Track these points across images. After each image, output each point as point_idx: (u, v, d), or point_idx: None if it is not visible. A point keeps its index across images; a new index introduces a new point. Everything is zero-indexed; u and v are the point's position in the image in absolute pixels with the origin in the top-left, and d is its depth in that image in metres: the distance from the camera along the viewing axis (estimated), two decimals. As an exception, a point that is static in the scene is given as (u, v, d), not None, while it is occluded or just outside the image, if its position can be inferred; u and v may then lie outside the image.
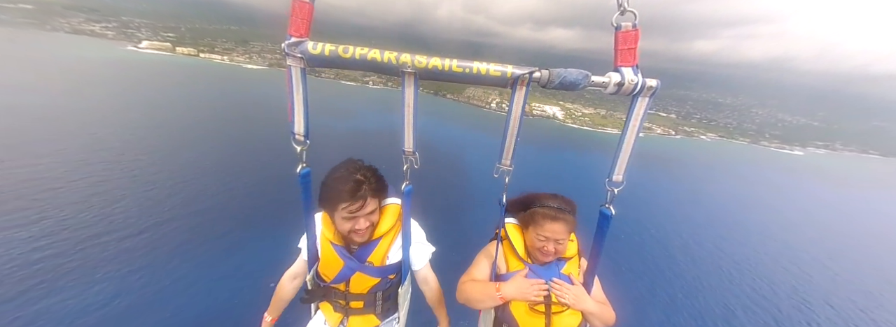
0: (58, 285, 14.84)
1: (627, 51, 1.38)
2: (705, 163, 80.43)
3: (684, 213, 39.03)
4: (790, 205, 51.51)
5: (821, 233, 38.79)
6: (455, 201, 27.90)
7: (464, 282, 1.94)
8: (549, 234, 1.82)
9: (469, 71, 1.39)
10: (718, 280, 24.82)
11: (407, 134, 1.63)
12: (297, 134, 1.59)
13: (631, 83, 1.38)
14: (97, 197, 22.18)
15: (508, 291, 1.81)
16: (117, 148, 31.02)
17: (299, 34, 1.38)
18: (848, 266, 30.69)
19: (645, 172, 54.32)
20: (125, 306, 14.61)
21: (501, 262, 1.98)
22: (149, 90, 60.22)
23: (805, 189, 66.36)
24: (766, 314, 21.53)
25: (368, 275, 1.93)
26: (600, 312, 1.84)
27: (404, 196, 1.87)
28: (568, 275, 1.89)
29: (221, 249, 19.18)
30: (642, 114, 1.47)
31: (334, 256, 1.89)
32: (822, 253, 32.58)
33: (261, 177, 28.88)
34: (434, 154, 42.55)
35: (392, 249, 1.95)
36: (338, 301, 2.04)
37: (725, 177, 66.06)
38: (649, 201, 39.08)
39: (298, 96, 1.51)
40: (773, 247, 32.29)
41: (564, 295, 1.80)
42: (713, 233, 33.48)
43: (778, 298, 23.45)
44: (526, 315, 1.86)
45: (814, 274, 28.07)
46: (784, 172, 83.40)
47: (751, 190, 58.03)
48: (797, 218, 44.61)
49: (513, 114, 1.51)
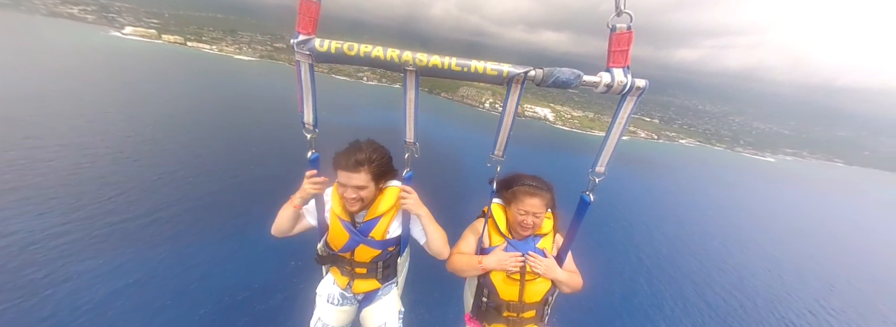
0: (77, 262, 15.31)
1: (620, 52, 1.45)
2: (685, 166, 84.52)
3: (663, 211, 41.77)
4: (759, 205, 55.55)
5: (786, 231, 42.40)
6: (448, 189, 29.64)
7: (452, 255, 2.21)
8: (528, 208, 2.05)
9: (467, 69, 1.48)
10: (693, 265, 27.86)
11: (408, 126, 1.80)
12: (307, 123, 1.78)
13: (620, 84, 1.46)
14: (108, 184, 22.33)
15: (488, 262, 2.09)
16: (121, 135, 30.86)
17: (307, 32, 1.46)
18: (806, 260, 34.27)
19: (630, 173, 57.18)
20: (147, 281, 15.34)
21: (485, 237, 2.23)
22: (144, 78, 58.72)
23: (775, 192, 71.05)
24: (724, 295, 24.32)
25: (370, 247, 2.18)
26: (568, 280, 2.13)
27: (406, 180, 2.06)
28: (542, 249, 2.15)
29: (234, 229, 19.99)
30: (629, 112, 1.58)
31: (341, 229, 2.13)
32: (786, 248, 36.02)
33: (269, 165, 29.63)
34: (430, 148, 43.82)
35: (392, 226, 2.18)
36: (345, 267, 2.31)
37: (703, 180, 70.17)
38: (630, 198, 41.74)
39: (307, 89, 1.64)
40: (744, 242, 35.56)
41: (537, 266, 2.07)
42: (689, 229, 36.36)
43: (743, 285, 26.34)
44: (503, 282, 2.13)
45: (776, 265, 31.26)
46: (757, 177, 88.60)
47: (726, 191, 62.00)
48: (765, 217, 48.30)
49: (507, 110, 1.63)
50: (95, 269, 15.34)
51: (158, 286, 15.09)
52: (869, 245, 43.90)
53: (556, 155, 64.46)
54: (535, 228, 2.12)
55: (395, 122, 1.67)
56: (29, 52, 62.10)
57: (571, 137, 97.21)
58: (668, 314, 21.13)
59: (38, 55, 61.15)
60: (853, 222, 55.88)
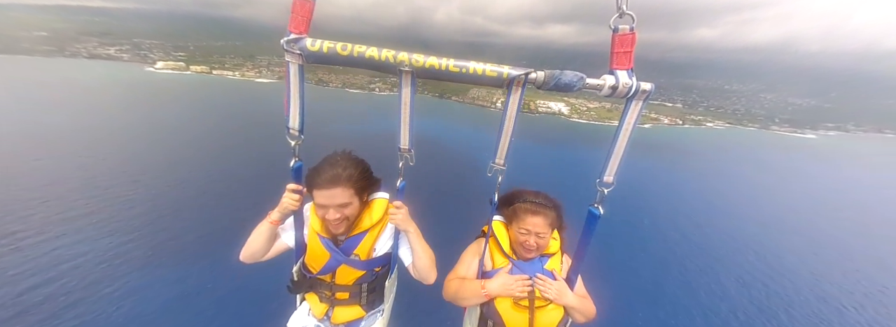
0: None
1: (623, 54, 1.40)
2: (713, 151, 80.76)
3: (695, 204, 40.26)
4: (805, 188, 52.17)
5: (840, 215, 39.60)
6: (450, 198, 28.71)
7: (450, 280, 1.98)
8: (530, 227, 1.86)
9: (465, 71, 1.42)
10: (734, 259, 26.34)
11: (403, 131, 1.68)
12: (292, 128, 1.64)
13: (625, 86, 1.40)
14: (157, 206, 24.74)
15: (493, 288, 1.85)
16: (166, 160, 33.98)
17: (299, 31, 1.40)
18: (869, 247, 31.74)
19: (656, 162, 55.35)
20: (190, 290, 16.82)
21: (487, 259, 2.00)
22: (181, 107, 64.08)
23: (822, 172, 66.31)
24: (782, 291, 22.97)
25: (354, 268, 1.93)
26: (581, 306, 1.89)
27: (399, 191, 1.85)
28: (551, 271, 1.93)
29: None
30: (636, 116, 1.51)
31: (321, 248, 1.89)
32: (847, 235, 33.62)
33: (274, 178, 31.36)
34: (433, 152, 44.58)
35: (379, 242, 1.94)
36: (323, 291, 2.03)
37: (740, 163, 66.45)
38: (657, 193, 40.46)
39: (295, 92, 1.55)
40: (790, 234, 33.26)
41: (547, 290, 1.84)
42: (730, 225, 34.25)
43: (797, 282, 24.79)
44: (510, 310, 1.89)
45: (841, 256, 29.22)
46: (797, 156, 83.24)
47: (764, 177, 58.53)
48: (809, 201, 45.46)
49: (508, 114, 1.54)
50: (153, 282, 17.26)
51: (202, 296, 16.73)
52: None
53: (575, 150, 63.60)
54: (539, 250, 1.93)
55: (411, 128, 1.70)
56: (80, 91, 69.18)
57: (590, 130, 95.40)
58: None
59: (87, 93, 68.15)
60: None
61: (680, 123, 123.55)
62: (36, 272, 16.86)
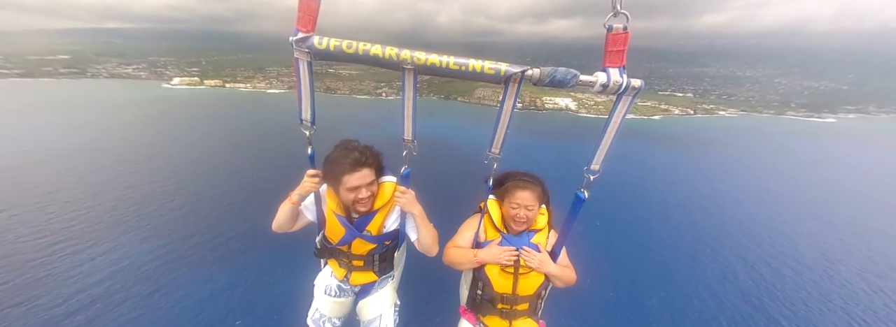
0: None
1: (616, 53, 1.47)
2: (729, 138, 79.30)
3: (705, 192, 40.16)
4: (829, 172, 51.15)
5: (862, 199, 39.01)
6: (450, 185, 29.59)
7: (448, 248, 2.27)
8: (520, 201, 2.12)
9: (465, 68, 1.50)
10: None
11: (407, 124, 1.85)
12: (305, 120, 1.82)
13: (615, 84, 1.50)
14: (186, 214, 26.46)
15: (483, 256, 2.13)
16: (191, 169, 36.02)
17: (306, 29, 1.49)
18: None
19: (663, 152, 55.01)
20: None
21: (481, 232, 2.28)
22: (199, 120, 67.06)
23: (844, 156, 64.54)
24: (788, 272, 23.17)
25: (366, 242, 2.21)
26: (561, 274, 2.15)
27: (404, 178, 2.10)
28: (536, 244, 2.18)
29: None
30: (625, 111, 1.62)
31: (337, 225, 2.16)
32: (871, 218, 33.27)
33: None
34: (437, 145, 45.99)
35: (388, 220, 2.21)
36: (342, 259, 2.35)
37: (759, 150, 65.02)
38: (673, 184, 40.51)
39: (305, 87, 1.68)
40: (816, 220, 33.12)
41: (530, 260, 2.10)
42: (740, 211, 34.46)
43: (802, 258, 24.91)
44: (498, 276, 2.17)
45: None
46: (816, 141, 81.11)
47: (783, 163, 57.48)
48: (832, 185, 44.66)
49: (505, 108, 1.67)
50: (189, 282, 18.73)
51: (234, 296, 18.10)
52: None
53: (586, 145, 63.49)
54: (528, 222, 2.20)
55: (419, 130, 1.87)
56: (108, 109, 73.08)
57: (598, 124, 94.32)
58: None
59: (115, 110, 72.19)
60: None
61: (691, 113, 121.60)
62: (83, 277, 18.44)
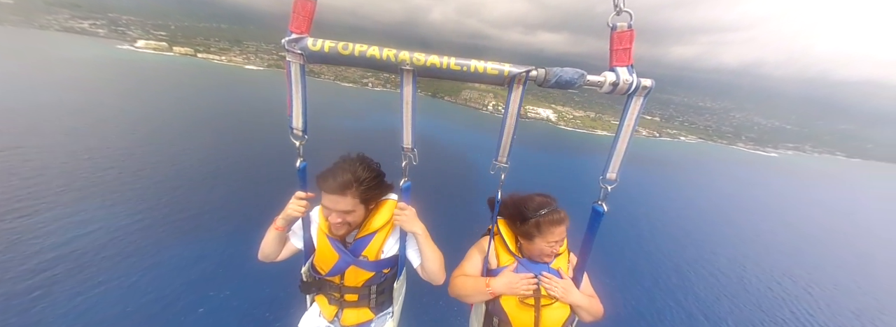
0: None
1: (622, 51, 1.43)
2: (688, 163, 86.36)
3: (676, 210, 43.80)
4: (768, 201, 57.49)
5: (787, 226, 44.42)
6: (452, 198, 29.10)
7: (455, 277, 1.98)
8: (559, 237, 1.85)
9: (467, 69, 1.43)
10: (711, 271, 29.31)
11: (406, 131, 1.68)
12: (296, 129, 1.68)
13: (625, 83, 1.43)
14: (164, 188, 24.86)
15: (498, 286, 1.84)
16: (164, 141, 33.58)
17: (300, 31, 1.42)
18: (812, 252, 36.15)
19: (641, 173, 59.22)
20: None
21: (492, 257, 1.98)
22: (173, 88, 62.12)
23: (779, 186, 72.90)
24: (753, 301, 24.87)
25: (363, 269, 1.95)
26: (588, 305, 1.89)
27: (403, 192, 1.87)
28: (557, 270, 1.92)
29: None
30: (637, 113, 1.52)
31: (329, 249, 1.93)
32: (797, 240, 37.95)
33: (276, 173, 29.81)
34: (434, 152, 45.13)
35: (387, 244, 1.96)
36: (332, 293, 2.06)
37: (710, 177, 72.14)
38: (641, 199, 43.76)
39: (297, 92, 1.58)
40: (761, 241, 37.18)
41: (553, 289, 1.84)
42: (707, 230, 37.81)
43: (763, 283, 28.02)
44: (516, 308, 1.88)
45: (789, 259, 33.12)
46: (761, 172, 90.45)
47: (735, 189, 63.73)
48: (769, 213, 50.26)
49: (509, 112, 1.55)
50: (174, 257, 17.82)
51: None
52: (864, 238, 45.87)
53: (562, 157, 66.37)
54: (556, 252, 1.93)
55: (396, 125, 1.72)
56: (59, 68, 65.17)
57: (575, 137, 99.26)
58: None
59: (68, 70, 64.32)
60: (848, 215, 57.75)
61: (657, 135, 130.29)
62: (48, 237, 17.50)
